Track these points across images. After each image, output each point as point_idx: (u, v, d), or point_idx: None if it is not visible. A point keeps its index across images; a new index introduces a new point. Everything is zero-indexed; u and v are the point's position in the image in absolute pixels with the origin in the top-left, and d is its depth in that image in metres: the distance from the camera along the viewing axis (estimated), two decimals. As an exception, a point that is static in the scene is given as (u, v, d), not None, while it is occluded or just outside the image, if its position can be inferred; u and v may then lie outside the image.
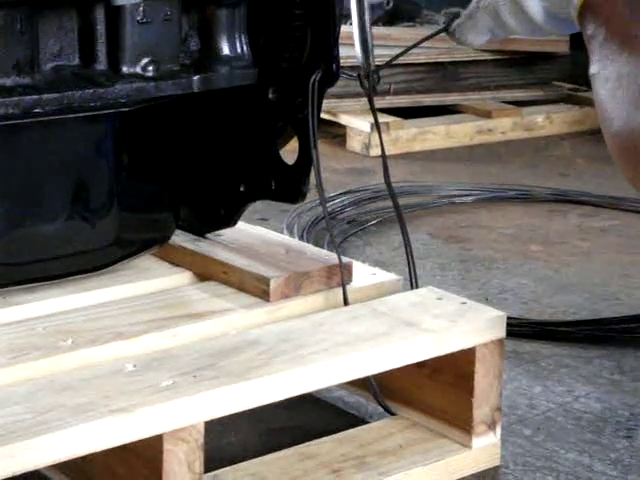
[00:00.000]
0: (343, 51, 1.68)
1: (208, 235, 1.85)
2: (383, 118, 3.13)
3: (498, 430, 1.66)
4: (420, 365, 1.61)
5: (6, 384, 1.42)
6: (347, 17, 1.64)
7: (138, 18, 1.57)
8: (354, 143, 3.07)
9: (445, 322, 1.62)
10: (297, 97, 1.68)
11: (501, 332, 1.64)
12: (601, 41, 1.37)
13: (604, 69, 1.35)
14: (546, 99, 3.58)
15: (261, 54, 1.71)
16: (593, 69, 1.37)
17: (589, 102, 3.42)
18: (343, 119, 3.05)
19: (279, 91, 1.70)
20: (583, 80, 3.30)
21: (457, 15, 1.57)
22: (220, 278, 1.76)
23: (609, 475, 1.62)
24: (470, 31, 1.52)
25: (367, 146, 2.87)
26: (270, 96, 1.71)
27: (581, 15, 1.42)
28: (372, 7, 1.73)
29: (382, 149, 1.78)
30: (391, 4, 1.79)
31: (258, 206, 1.80)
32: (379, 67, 1.72)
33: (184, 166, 1.78)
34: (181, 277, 1.80)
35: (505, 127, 3.33)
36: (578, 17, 1.41)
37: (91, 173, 1.67)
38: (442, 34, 1.73)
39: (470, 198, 2.75)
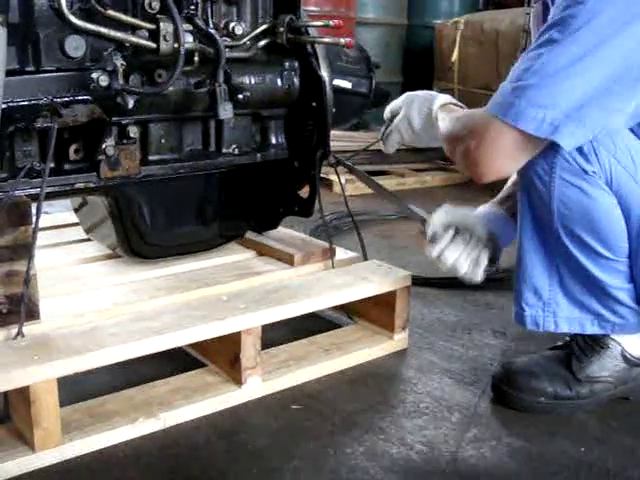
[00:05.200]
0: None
1: (263, 233, 1.93)
2: (350, 176, 3.17)
3: (407, 330, 1.77)
4: (369, 298, 1.72)
5: (163, 305, 1.54)
6: (335, 124, 1.64)
7: (230, 125, 1.67)
8: (336, 188, 3.13)
9: (381, 277, 1.73)
10: (309, 165, 1.74)
11: (409, 282, 1.74)
12: (443, 116, 1.46)
13: (443, 121, 1.44)
14: (431, 168, 3.62)
15: (291, 143, 1.77)
16: (439, 118, 1.47)
17: (452, 170, 3.49)
18: (330, 176, 3.10)
19: (300, 162, 1.77)
20: (448, 159, 3.42)
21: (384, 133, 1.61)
22: (269, 254, 1.86)
23: (459, 351, 1.74)
24: (388, 143, 1.57)
25: (343, 190, 2.91)
26: (295, 164, 1.78)
27: (439, 110, 1.48)
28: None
29: (343, 193, 1.89)
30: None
31: (288, 220, 1.86)
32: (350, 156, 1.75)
33: (251, 199, 1.85)
34: (249, 254, 1.89)
35: (411, 182, 3.47)
36: (437, 112, 1.49)
37: (207, 201, 1.75)
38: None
39: (394, 216, 2.82)
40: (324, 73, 1.68)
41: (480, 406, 1.49)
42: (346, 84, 1.80)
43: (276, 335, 1.68)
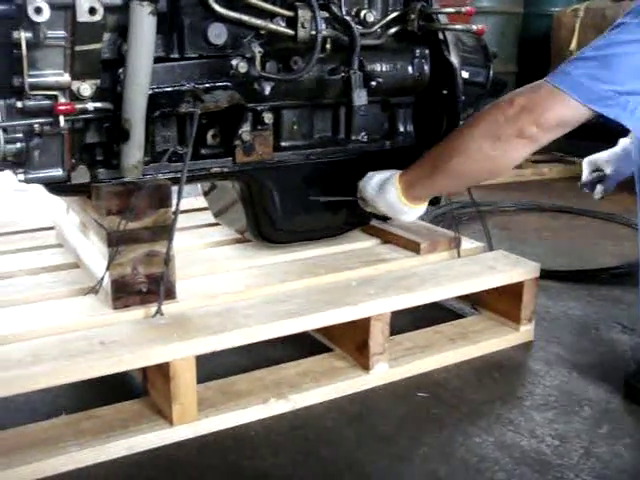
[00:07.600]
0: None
1: (387, 221, 1.88)
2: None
3: (533, 322, 1.74)
4: (495, 288, 1.69)
5: (292, 289, 1.55)
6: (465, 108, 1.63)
7: (361, 112, 1.67)
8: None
9: (509, 267, 1.70)
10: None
11: (537, 273, 1.70)
12: None
13: None
14: (549, 160, 3.55)
15: (419, 131, 1.75)
16: None
17: (570, 162, 3.42)
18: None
19: (428, 150, 1.69)
20: (566, 151, 3.30)
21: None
22: (394, 242, 1.85)
23: (587, 346, 1.71)
24: (596, 191, 1.71)
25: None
26: (423, 153, 1.71)
27: None
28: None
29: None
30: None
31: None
32: None
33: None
34: (374, 241, 1.89)
35: (528, 174, 3.39)
36: None
37: (335, 188, 1.70)
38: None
39: (513, 208, 2.82)
40: (455, 60, 1.66)
41: (612, 402, 1.46)
42: (464, 74, 1.74)
43: (400, 323, 1.66)
